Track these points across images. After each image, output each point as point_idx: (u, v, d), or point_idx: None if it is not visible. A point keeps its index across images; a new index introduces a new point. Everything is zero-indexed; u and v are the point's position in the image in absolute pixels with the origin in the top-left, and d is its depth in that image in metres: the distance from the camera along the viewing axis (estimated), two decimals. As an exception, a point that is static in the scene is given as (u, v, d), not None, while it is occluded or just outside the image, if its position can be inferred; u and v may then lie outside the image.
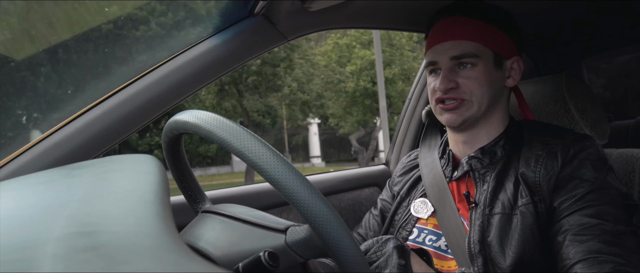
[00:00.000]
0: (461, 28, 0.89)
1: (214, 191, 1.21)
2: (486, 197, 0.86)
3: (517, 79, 0.94)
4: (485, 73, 0.88)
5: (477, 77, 0.88)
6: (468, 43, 0.88)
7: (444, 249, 0.91)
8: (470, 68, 0.88)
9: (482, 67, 0.88)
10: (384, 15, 1.19)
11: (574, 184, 0.79)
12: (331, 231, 0.50)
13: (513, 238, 0.80)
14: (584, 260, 0.72)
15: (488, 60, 0.89)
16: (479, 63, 0.88)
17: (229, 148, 0.51)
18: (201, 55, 0.92)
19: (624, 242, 0.73)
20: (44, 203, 0.34)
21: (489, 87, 0.89)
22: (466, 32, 0.89)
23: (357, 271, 0.51)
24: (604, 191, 0.78)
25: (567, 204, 0.78)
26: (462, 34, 0.89)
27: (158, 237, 0.28)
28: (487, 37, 0.89)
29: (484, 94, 0.88)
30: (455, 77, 0.89)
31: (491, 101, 0.90)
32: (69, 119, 0.83)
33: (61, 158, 0.79)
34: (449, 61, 0.89)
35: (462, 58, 0.88)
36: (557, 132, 0.89)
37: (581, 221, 0.76)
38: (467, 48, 0.88)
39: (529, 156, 0.85)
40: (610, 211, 0.76)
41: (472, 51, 0.88)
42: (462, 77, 0.88)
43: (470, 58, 0.88)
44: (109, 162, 0.45)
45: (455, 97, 0.88)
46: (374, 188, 1.56)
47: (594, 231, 0.74)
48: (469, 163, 0.92)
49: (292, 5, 0.96)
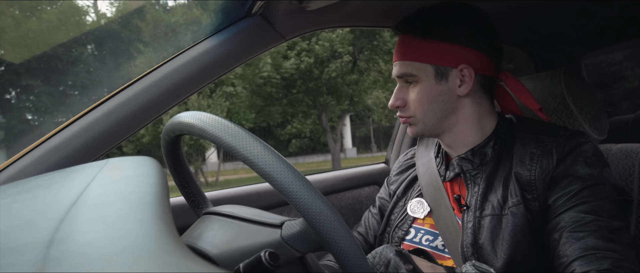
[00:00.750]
0: (403, 48, 0.91)
1: (215, 192, 1.21)
2: (477, 199, 0.86)
3: (470, 86, 0.88)
4: (425, 91, 0.89)
5: (416, 97, 0.90)
6: (407, 63, 0.90)
7: (440, 249, 0.91)
8: (413, 86, 0.90)
9: (423, 85, 0.89)
10: (380, 14, 1.19)
11: (568, 181, 0.79)
12: (325, 223, 0.50)
13: (504, 239, 0.80)
14: (582, 257, 0.71)
15: (428, 76, 0.88)
16: (419, 81, 0.89)
17: (221, 144, 0.51)
18: (199, 56, 0.92)
19: (621, 238, 0.73)
20: (44, 206, 0.34)
21: (431, 103, 0.89)
22: (406, 52, 0.90)
23: (353, 261, 0.51)
24: (599, 187, 0.78)
25: (562, 201, 0.78)
26: (404, 54, 0.91)
27: (158, 239, 0.28)
28: (424, 54, 0.88)
29: (426, 110, 0.90)
30: (405, 94, 0.92)
31: (442, 115, 0.90)
32: (68, 122, 0.83)
33: (60, 161, 0.79)
34: (399, 79, 0.93)
35: (403, 77, 0.91)
36: (550, 129, 0.88)
37: (576, 217, 0.75)
38: (406, 68, 0.90)
39: (523, 155, 0.85)
40: (605, 207, 0.76)
41: (409, 71, 0.89)
42: (410, 95, 0.91)
43: (410, 77, 0.90)
44: (108, 164, 0.45)
45: (402, 115, 0.93)
46: (373, 186, 1.56)
47: (590, 228, 0.74)
48: (460, 165, 0.92)
49: (290, 5, 0.96)
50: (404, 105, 0.92)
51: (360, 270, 0.52)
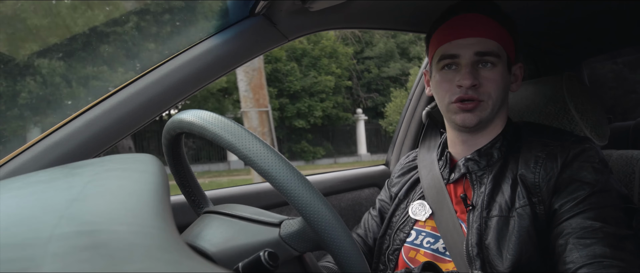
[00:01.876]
0: (485, 26, 0.88)
1: (214, 191, 1.21)
2: (483, 200, 0.86)
3: (519, 86, 0.96)
4: (502, 75, 0.88)
5: (495, 79, 0.87)
6: (492, 42, 0.87)
7: (441, 251, 0.91)
8: (490, 68, 0.87)
9: (500, 68, 0.88)
10: (384, 15, 1.19)
11: (574, 186, 0.79)
12: (323, 223, 0.50)
13: (510, 241, 0.80)
14: (589, 264, 0.71)
15: (504, 62, 0.89)
16: (498, 64, 0.87)
17: (220, 142, 0.51)
18: (202, 55, 0.92)
19: (627, 246, 0.73)
20: (44, 202, 0.34)
21: (503, 90, 0.89)
22: (490, 30, 0.87)
23: (351, 261, 0.51)
24: (606, 194, 0.78)
25: (568, 206, 0.78)
26: (486, 32, 0.87)
27: (158, 236, 0.28)
28: (504, 40, 0.89)
29: (498, 96, 0.88)
30: (477, 75, 0.87)
31: (501, 104, 0.90)
32: (70, 118, 0.83)
33: (61, 157, 0.79)
34: (472, 56, 0.87)
35: (486, 55, 0.86)
36: (556, 134, 0.88)
37: (584, 224, 0.75)
38: (492, 46, 0.87)
39: (528, 158, 0.85)
40: (612, 214, 0.76)
41: (495, 50, 0.87)
42: (483, 77, 0.87)
43: (493, 57, 0.86)
44: (109, 161, 0.45)
45: (474, 97, 0.87)
46: (373, 188, 1.56)
47: (597, 235, 0.73)
48: (466, 165, 0.92)
49: (293, 5, 0.96)
50: (477, 86, 0.87)
51: (358, 269, 0.52)
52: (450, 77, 0.89)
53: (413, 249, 0.95)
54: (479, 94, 0.87)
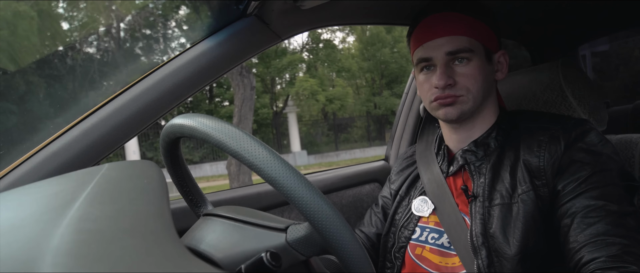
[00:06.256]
0: (454, 23, 0.89)
1: (215, 193, 1.21)
2: (484, 189, 0.87)
3: (505, 73, 0.96)
4: (479, 68, 0.89)
5: (471, 73, 0.88)
6: (462, 38, 0.88)
7: (446, 246, 0.91)
8: (466, 63, 0.89)
9: (476, 62, 0.89)
10: (376, 11, 1.19)
11: (576, 167, 0.80)
12: (331, 228, 0.50)
13: (516, 227, 0.81)
14: (591, 242, 0.73)
15: (480, 55, 0.90)
16: (473, 58, 0.89)
17: (225, 149, 0.51)
18: (196, 58, 0.92)
19: (629, 222, 0.74)
20: (45, 209, 0.34)
21: (483, 82, 0.90)
22: (460, 27, 0.89)
23: (358, 266, 0.51)
24: (606, 173, 0.79)
25: (571, 187, 0.79)
26: (456, 30, 0.89)
27: (158, 242, 0.28)
28: (477, 32, 0.90)
29: (478, 89, 0.89)
30: (451, 73, 0.89)
31: (485, 95, 0.91)
32: (67, 128, 0.83)
33: (60, 167, 0.79)
34: (444, 57, 0.89)
35: (457, 53, 0.88)
36: (554, 119, 0.90)
37: (587, 203, 0.77)
38: (462, 43, 0.88)
39: (531, 143, 0.86)
40: (614, 192, 0.77)
41: (466, 46, 0.88)
42: (459, 73, 0.89)
43: (466, 53, 0.88)
44: (109, 168, 0.44)
45: (450, 94, 0.89)
46: (374, 184, 1.56)
47: (600, 213, 0.75)
48: (464, 157, 0.93)
49: (285, 5, 0.96)
50: (453, 84, 0.89)
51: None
52: (428, 77, 0.93)
53: (419, 246, 0.96)
54: (456, 90, 0.89)
